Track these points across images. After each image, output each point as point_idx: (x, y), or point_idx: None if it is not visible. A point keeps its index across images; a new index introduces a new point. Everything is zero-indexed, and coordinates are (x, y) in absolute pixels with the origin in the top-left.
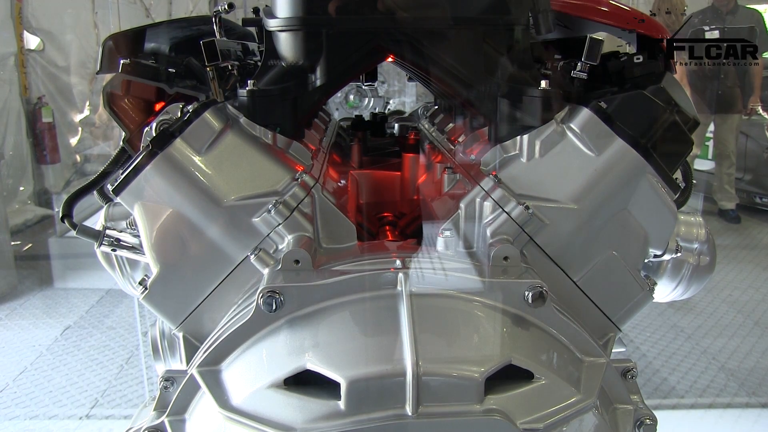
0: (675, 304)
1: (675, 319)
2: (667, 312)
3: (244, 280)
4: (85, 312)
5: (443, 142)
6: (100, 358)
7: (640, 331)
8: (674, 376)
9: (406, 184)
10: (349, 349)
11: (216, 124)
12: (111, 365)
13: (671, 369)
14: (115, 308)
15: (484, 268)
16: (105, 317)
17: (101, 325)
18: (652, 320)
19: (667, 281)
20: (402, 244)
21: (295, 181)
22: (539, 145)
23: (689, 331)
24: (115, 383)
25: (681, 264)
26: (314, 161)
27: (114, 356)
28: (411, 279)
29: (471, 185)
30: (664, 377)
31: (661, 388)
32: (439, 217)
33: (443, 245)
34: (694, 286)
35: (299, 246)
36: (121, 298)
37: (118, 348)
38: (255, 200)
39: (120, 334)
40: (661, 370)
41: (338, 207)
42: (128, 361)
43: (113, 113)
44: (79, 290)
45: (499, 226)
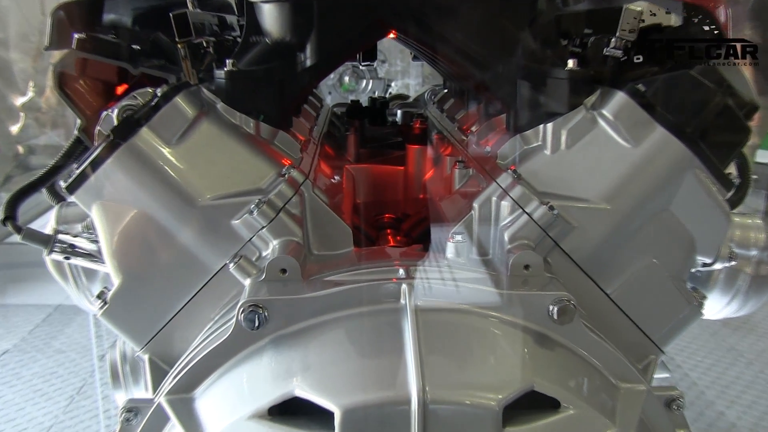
0: (731, 323)
1: (732, 341)
2: (722, 332)
3: (221, 293)
4: (28, 333)
5: (454, 131)
6: (45, 389)
7: (689, 355)
8: (733, 410)
9: (411, 181)
10: (345, 372)
11: (189, 111)
12: (59, 397)
13: (729, 401)
14: (65, 328)
15: (502, 279)
16: (53, 339)
17: (48, 348)
18: (703, 342)
19: (719, 295)
20: (406, 250)
21: (281, 177)
22: (566, 135)
23: (750, 356)
24: (64, 418)
25: (736, 274)
26: (303, 154)
27: (63, 386)
28: (416, 291)
29: (486, 182)
30: (721, 411)
31: (716, 425)
32: (448, 219)
33: (454, 252)
34: (752, 300)
35: (286, 253)
36: (74, 315)
37: (68, 375)
38: (234, 199)
39: (71, 359)
40: (716, 402)
41: (332, 207)
42: (80, 391)
43: (65, 97)
44: (22, 307)
45: (519, 230)
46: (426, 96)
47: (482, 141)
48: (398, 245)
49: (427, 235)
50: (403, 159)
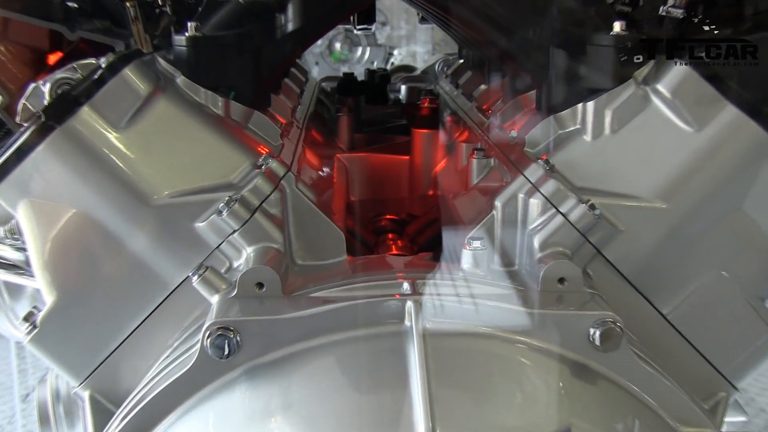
0: None
1: None
2: None
3: (182, 313)
4: None
5: (471, 111)
6: None
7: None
8: None
9: (418, 174)
10: (336, 412)
11: (141, 87)
12: None
13: None
14: None
15: (531, 295)
16: None
17: None
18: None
19: None
20: (412, 259)
21: (257, 169)
22: (611, 117)
23: None
24: None
25: None
26: (285, 140)
27: None
28: (424, 310)
29: (511, 175)
30: None
31: None
32: (464, 222)
33: (471, 261)
34: None
35: (263, 263)
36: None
37: None
38: (198, 197)
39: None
40: None
41: (319, 206)
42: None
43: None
44: None
45: (553, 234)
46: (437, 68)
47: (506, 124)
48: (402, 253)
49: (437, 240)
50: (408, 146)
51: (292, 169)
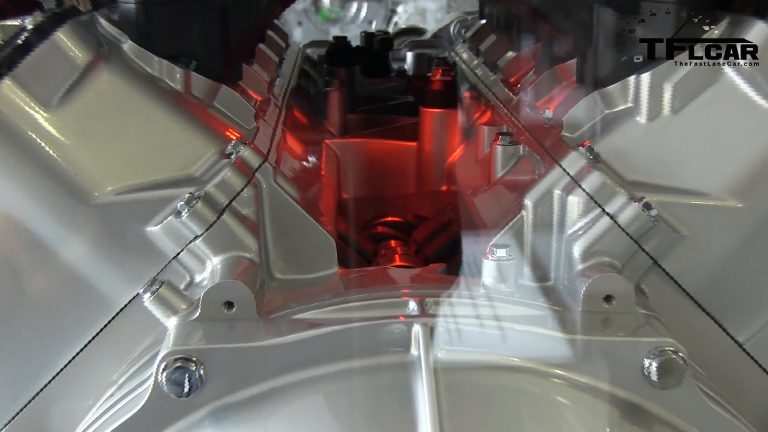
0: None
1: None
2: None
3: (130, 341)
4: None
5: (495, 85)
6: None
7: None
8: None
9: (427, 164)
10: None
11: (77, 55)
12: None
13: None
14: None
15: (570, 317)
16: None
17: None
18: None
19: None
20: (419, 272)
21: (225, 158)
22: (671, 92)
23: None
24: None
25: None
26: (260, 122)
27: None
28: (436, 336)
29: (545, 165)
30: None
31: None
32: (487, 225)
33: (494, 274)
34: None
35: (233, 277)
36: None
37: None
38: (151, 194)
39: None
40: None
41: (304, 206)
42: None
43: None
44: None
45: (598, 241)
46: (452, 30)
47: (540, 101)
48: (407, 264)
49: (451, 249)
50: (415, 130)
51: (269, 158)
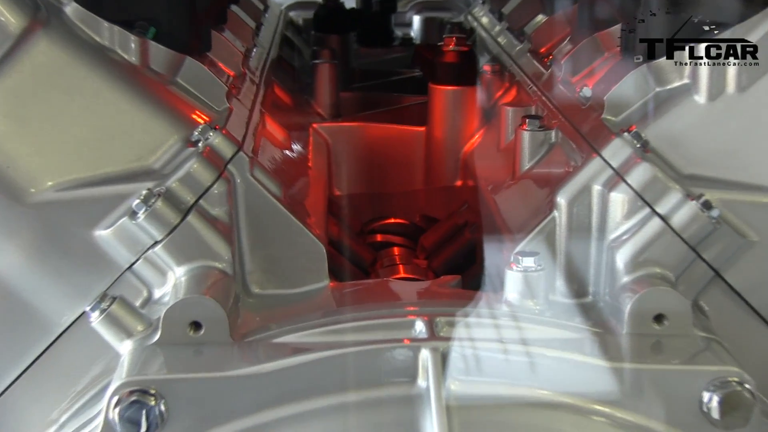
0: None
1: None
2: None
3: (75, 370)
4: None
5: (522, 57)
6: None
7: None
8: None
9: (438, 154)
10: None
11: (9, 20)
12: None
13: None
14: None
15: (613, 341)
16: None
17: None
18: None
19: None
20: (429, 286)
21: (190, 147)
22: (737, 66)
23: None
24: None
25: None
26: (233, 102)
27: None
28: (449, 363)
29: (582, 155)
30: None
31: None
32: (511, 228)
33: (520, 289)
34: None
35: (201, 291)
36: None
37: None
38: (100, 190)
39: None
40: None
41: (287, 205)
42: None
43: None
44: None
45: (646, 248)
46: None
47: (576, 76)
48: (414, 276)
49: (468, 257)
50: (423, 112)
51: (244, 147)
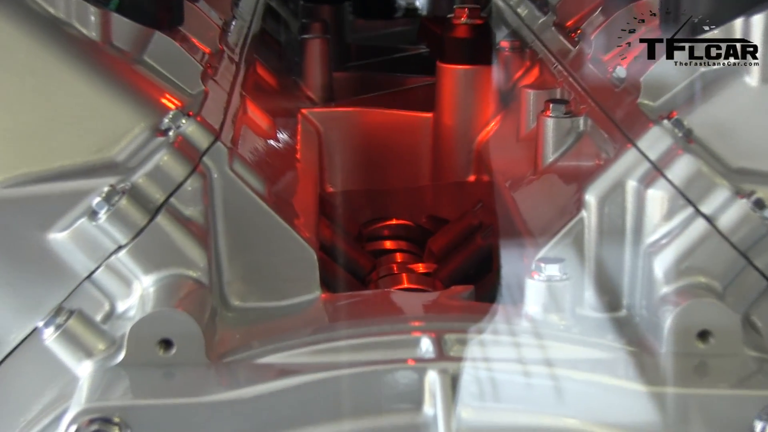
0: None
1: None
2: None
3: (25, 394)
4: None
5: (546, 31)
6: None
7: None
8: None
9: (448, 144)
10: None
11: None
12: None
13: None
14: None
15: (651, 361)
16: None
17: None
18: None
19: None
20: (437, 297)
21: (160, 135)
22: None
23: None
24: None
25: None
26: (209, 84)
27: None
28: (461, 388)
29: (615, 145)
30: None
31: None
32: (532, 231)
33: (542, 301)
34: None
35: (172, 304)
36: None
37: None
38: (54, 186)
39: None
40: None
41: (272, 204)
42: None
43: None
44: None
45: (689, 253)
46: None
47: (608, 54)
48: (420, 287)
49: (483, 264)
50: (430, 95)
51: (222, 136)
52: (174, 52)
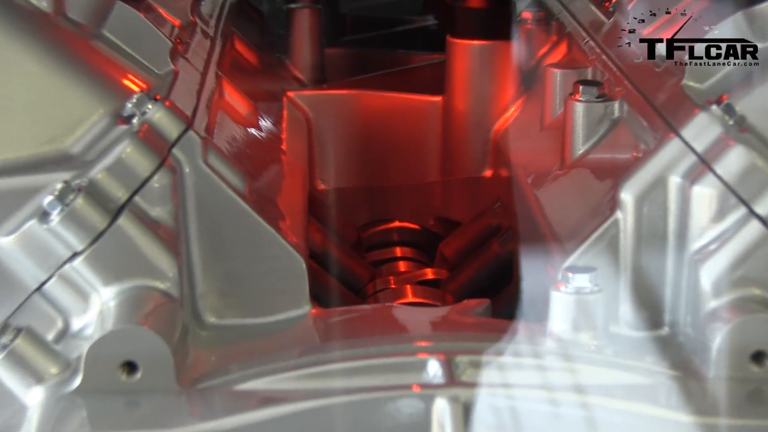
0: None
1: None
2: None
3: None
4: None
5: (575, 1)
6: None
7: None
8: None
9: (461, 133)
10: None
11: None
12: None
13: None
14: None
15: (697, 387)
16: None
17: None
18: None
19: None
20: (448, 312)
21: (122, 123)
22: None
23: None
24: None
25: None
26: (179, 62)
27: None
28: (474, 418)
29: (656, 135)
30: None
31: None
32: (558, 234)
33: (571, 316)
34: None
35: (136, 321)
36: None
37: None
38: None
39: None
40: None
41: (254, 204)
42: None
43: None
44: None
45: (741, 261)
46: None
47: (647, 28)
48: (427, 300)
49: (500, 274)
50: (439, 75)
51: (195, 124)
52: (138, 25)
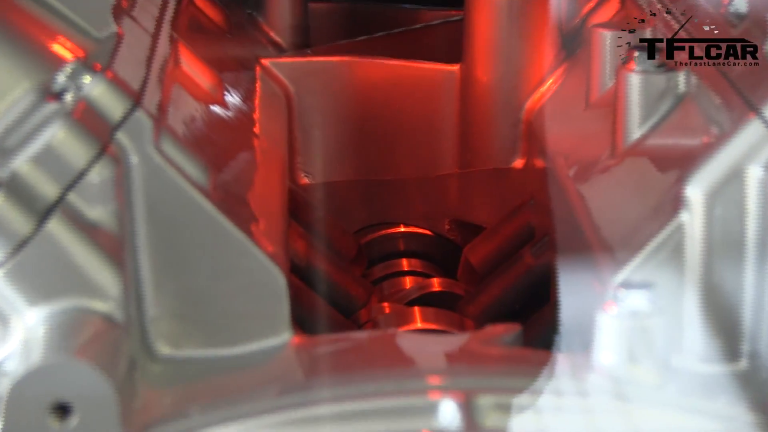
0: None
1: None
2: None
3: None
4: None
5: None
6: None
7: None
8: None
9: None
10: None
11: None
12: None
13: None
14: None
15: None
16: None
17: None
18: None
19: None
20: (468, 340)
21: (52, 100)
22: None
23: None
24: None
25: None
26: (125, 23)
27: None
28: None
29: (731, 115)
30: None
31: None
32: (607, 241)
33: (622, 344)
34: None
35: (71, 352)
36: None
37: None
38: None
39: None
40: None
41: (219, 202)
42: None
43: None
44: None
45: None
46: None
47: None
48: (439, 326)
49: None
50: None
51: (144, 101)
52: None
